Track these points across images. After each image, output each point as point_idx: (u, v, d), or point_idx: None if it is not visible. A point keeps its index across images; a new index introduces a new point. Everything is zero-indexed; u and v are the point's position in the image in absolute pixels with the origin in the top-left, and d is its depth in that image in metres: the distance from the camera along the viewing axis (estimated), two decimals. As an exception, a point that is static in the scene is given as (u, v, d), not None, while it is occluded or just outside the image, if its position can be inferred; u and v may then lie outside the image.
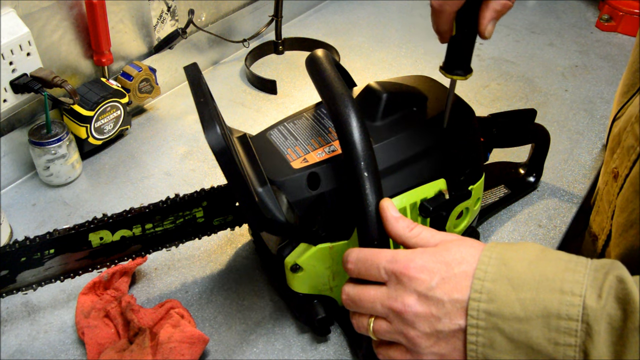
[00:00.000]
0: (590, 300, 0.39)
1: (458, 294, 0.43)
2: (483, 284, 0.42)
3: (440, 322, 0.44)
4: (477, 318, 0.42)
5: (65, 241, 0.63)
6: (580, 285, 0.40)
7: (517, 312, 0.41)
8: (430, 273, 0.45)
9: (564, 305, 0.40)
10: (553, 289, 0.40)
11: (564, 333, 0.39)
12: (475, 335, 0.42)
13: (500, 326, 0.41)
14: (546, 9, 1.42)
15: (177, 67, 1.11)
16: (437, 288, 0.44)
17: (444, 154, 0.65)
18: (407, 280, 0.45)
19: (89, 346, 0.66)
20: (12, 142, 0.88)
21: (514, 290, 0.41)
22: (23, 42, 0.83)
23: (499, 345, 0.42)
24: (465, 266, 0.44)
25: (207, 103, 0.55)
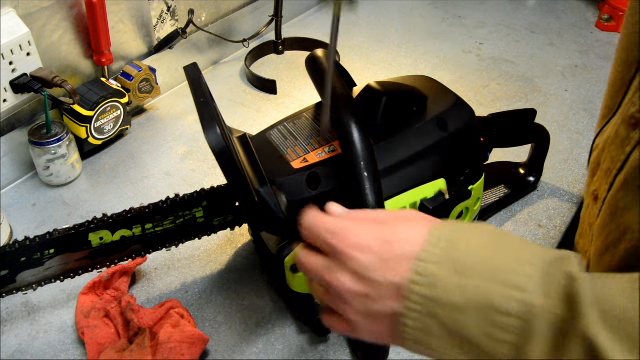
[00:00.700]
0: (536, 297, 0.36)
1: (397, 277, 0.41)
2: (426, 267, 0.40)
3: (375, 303, 0.42)
4: (414, 302, 0.40)
5: (65, 241, 0.63)
6: (528, 279, 0.37)
7: (456, 299, 0.38)
8: (369, 253, 0.42)
9: (505, 299, 0.37)
10: (498, 279, 0.38)
11: (500, 328, 0.37)
12: (412, 319, 0.40)
13: (437, 313, 0.39)
14: (546, 9, 1.42)
15: (177, 67, 1.11)
16: (375, 269, 0.42)
17: (444, 154, 0.65)
18: (344, 259, 0.43)
19: (89, 346, 0.66)
20: (12, 142, 0.88)
21: (457, 275, 0.38)
22: (23, 42, 0.83)
23: (434, 332, 0.39)
24: (409, 247, 0.41)
25: (207, 103, 0.55)
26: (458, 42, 1.29)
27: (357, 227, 0.44)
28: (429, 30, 1.34)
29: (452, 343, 0.39)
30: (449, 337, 0.39)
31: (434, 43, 1.29)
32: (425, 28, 1.35)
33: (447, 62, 1.22)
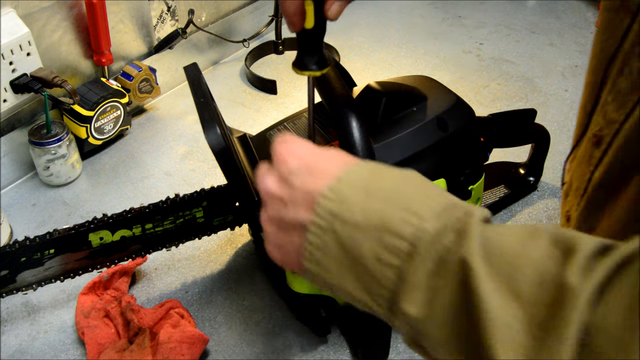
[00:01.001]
0: (429, 224, 0.36)
1: (312, 187, 0.41)
2: (340, 186, 0.40)
3: (285, 208, 0.42)
4: (320, 216, 0.39)
5: (65, 241, 0.63)
6: (428, 209, 0.37)
7: (358, 218, 0.38)
8: (298, 159, 0.43)
9: (402, 222, 0.37)
10: (401, 206, 0.38)
11: (390, 251, 0.37)
12: (314, 234, 0.40)
13: (337, 229, 0.39)
14: (546, 9, 1.42)
15: (177, 67, 1.11)
16: (297, 174, 0.42)
17: (444, 154, 0.65)
18: (277, 162, 0.44)
19: (89, 346, 0.66)
20: (12, 142, 0.88)
21: (365, 197, 0.39)
22: (23, 42, 0.83)
23: (330, 249, 0.39)
24: (336, 167, 0.42)
25: (207, 103, 0.55)
26: (458, 42, 1.29)
27: (306, 144, 0.45)
28: (429, 30, 1.34)
29: (345, 265, 0.39)
30: (344, 257, 0.39)
31: (434, 43, 1.29)
32: (425, 28, 1.35)
33: (447, 62, 1.22)
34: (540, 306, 0.31)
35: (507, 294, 0.32)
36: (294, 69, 0.52)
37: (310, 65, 0.51)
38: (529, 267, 0.32)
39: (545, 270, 0.32)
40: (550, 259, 0.32)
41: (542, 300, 0.31)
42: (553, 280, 0.31)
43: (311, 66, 0.51)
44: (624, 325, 0.28)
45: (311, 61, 0.51)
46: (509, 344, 0.31)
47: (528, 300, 0.32)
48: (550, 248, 0.33)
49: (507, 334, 0.31)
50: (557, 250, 0.32)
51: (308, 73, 0.52)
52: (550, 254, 0.32)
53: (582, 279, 0.30)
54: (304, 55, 0.51)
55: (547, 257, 0.32)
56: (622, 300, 0.29)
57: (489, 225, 0.37)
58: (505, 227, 0.36)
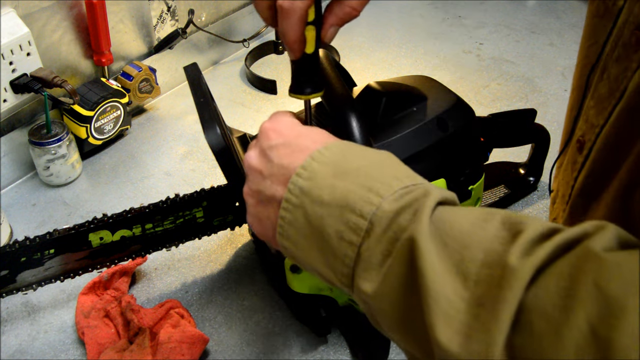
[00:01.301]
0: (387, 203, 0.37)
1: (288, 162, 0.42)
2: (311, 163, 0.41)
3: (263, 181, 0.44)
4: (292, 193, 0.41)
5: (65, 241, 0.63)
6: (388, 188, 0.38)
7: (324, 195, 0.39)
8: (279, 135, 0.45)
9: (363, 201, 0.38)
10: (366, 185, 0.39)
11: (351, 229, 0.38)
12: (285, 210, 0.41)
13: (306, 206, 0.40)
14: (546, 9, 1.42)
15: (177, 67, 1.11)
16: (275, 149, 0.44)
17: (444, 154, 0.65)
18: (260, 136, 0.46)
19: (89, 346, 0.66)
20: (12, 142, 0.88)
21: (334, 176, 0.40)
22: (23, 42, 0.83)
23: (300, 225, 0.40)
24: (312, 145, 0.43)
25: (207, 103, 0.55)
26: (458, 42, 1.29)
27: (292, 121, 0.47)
28: (429, 30, 1.34)
29: (312, 241, 0.40)
30: (311, 234, 0.40)
31: (434, 43, 1.29)
32: (425, 28, 1.35)
33: (447, 62, 1.22)
34: (483, 285, 0.32)
35: (454, 273, 0.33)
36: (291, 95, 0.53)
37: (306, 90, 0.52)
38: (478, 248, 0.33)
39: (492, 251, 0.32)
40: (498, 240, 0.33)
41: (485, 279, 0.32)
42: (497, 260, 0.32)
43: (307, 90, 0.52)
44: (558, 305, 0.29)
45: (308, 85, 0.52)
46: (449, 321, 0.32)
47: (473, 279, 0.32)
48: (500, 230, 0.33)
49: (448, 310, 0.32)
50: (506, 232, 0.33)
51: (305, 97, 0.53)
52: (499, 235, 0.33)
53: (522, 259, 0.30)
54: (301, 81, 0.52)
55: (496, 238, 0.33)
56: (559, 281, 0.29)
57: (446, 206, 0.37)
58: (462, 209, 0.37)
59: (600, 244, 0.29)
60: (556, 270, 0.30)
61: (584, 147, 0.50)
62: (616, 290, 0.27)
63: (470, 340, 0.31)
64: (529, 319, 0.29)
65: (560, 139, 0.61)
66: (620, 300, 0.27)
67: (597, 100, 0.47)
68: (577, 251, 0.30)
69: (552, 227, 0.32)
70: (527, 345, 0.29)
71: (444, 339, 0.31)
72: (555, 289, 0.29)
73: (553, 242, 0.31)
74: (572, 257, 0.30)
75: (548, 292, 0.29)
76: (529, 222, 0.33)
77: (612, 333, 0.26)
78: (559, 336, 0.28)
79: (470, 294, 0.32)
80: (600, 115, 0.47)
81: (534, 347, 0.29)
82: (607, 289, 0.27)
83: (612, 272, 0.28)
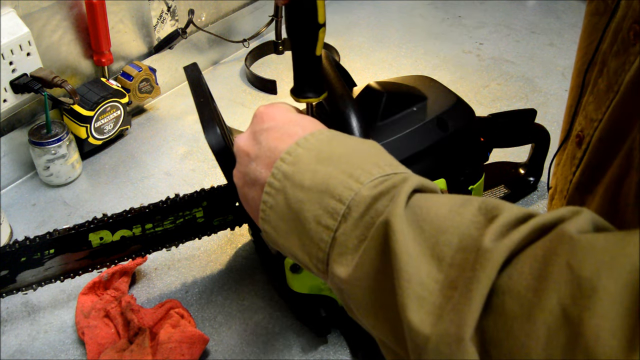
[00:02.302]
0: (366, 189, 0.37)
1: (275, 146, 0.43)
2: (296, 149, 0.41)
3: (250, 164, 0.44)
4: (275, 177, 0.41)
5: (65, 241, 0.63)
6: (368, 175, 0.38)
7: (305, 181, 0.39)
8: (270, 119, 0.46)
9: (343, 187, 0.38)
10: (347, 171, 0.39)
11: (328, 213, 0.38)
12: (268, 194, 0.41)
13: (288, 191, 0.40)
14: (546, 9, 1.42)
15: (177, 67, 1.11)
16: (265, 132, 0.44)
17: (444, 154, 0.65)
18: (254, 119, 0.47)
19: (89, 346, 0.66)
20: (12, 142, 0.88)
21: (316, 162, 0.40)
22: (23, 42, 0.83)
23: (280, 209, 0.41)
24: (300, 131, 0.43)
25: (207, 103, 0.55)
26: (458, 42, 1.29)
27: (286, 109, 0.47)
28: (429, 30, 1.34)
29: (291, 225, 0.40)
30: (290, 218, 0.40)
31: (434, 43, 1.29)
32: (425, 28, 1.35)
33: (447, 62, 1.22)
34: (457, 268, 0.32)
35: (428, 256, 0.33)
36: (293, 97, 0.53)
37: (308, 93, 0.53)
38: (453, 232, 0.33)
39: (467, 236, 0.32)
40: (474, 224, 0.33)
41: (459, 262, 0.32)
42: (472, 244, 0.32)
43: (309, 94, 0.53)
44: (531, 286, 0.28)
45: (310, 89, 0.52)
46: (421, 302, 0.32)
47: (448, 262, 0.32)
48: (476, 215, 0.33)
49: (420, 292, 0.32)
50: (482, 217, 0.33)
51: (307, 100, 0.53)
52: (475, 220, 0.33)
53: (496, 242, 0.30)
54: (303, 84, 0.52)
55: (472, 223, 0.33)
56: (532, 263, 0.29)
57: (424, 193, 0.37)
58: (440, 196, 0.37)
59: (575, 227, 0.29)
60: (530, 253, 0.30)
61: (583, 142, 0.50)
62: (588, 271, 0.27)
63: (441, 320, 0.30)
64: (501, 301, 0.29)
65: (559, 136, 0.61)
66: (592, 281, 0.26)
67: (596, 96, 0.48)
68: (551, 234, 0.30)
69: (528, 212, 0.32)
70: (499, 327, 0.29)
71: (416, 320, 0.31)
72: (528, 270, 0.29)
73: (528, 225, 0.31)
74: (546, 240, 0.30)
75: (521, 274, 0.29)
76: (506, 207, 0.33)
77: (583, 313, 0.26)
78: (530, 318, 0.28)
79: (444, 277, 0.32)
80: (599, 110, 0.47)
81: (506, 329, 0.29)
82: (579, 269, 0.27)
83: (585, 253, 0.28)
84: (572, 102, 0.56)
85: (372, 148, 0.43)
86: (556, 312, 0.27)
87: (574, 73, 0.56)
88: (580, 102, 0.52)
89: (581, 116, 0.51)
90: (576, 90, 0.54)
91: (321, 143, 0.42)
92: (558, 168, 0.59)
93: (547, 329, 0.27)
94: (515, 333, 0.28)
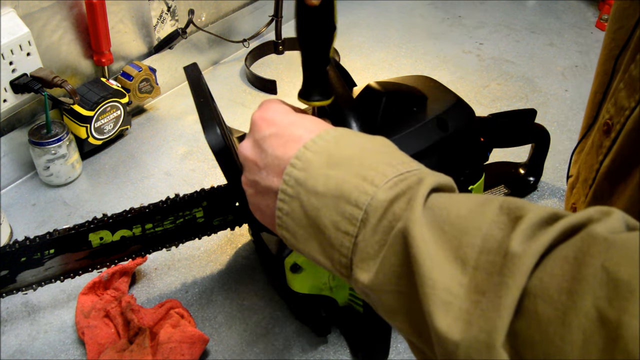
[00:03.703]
0: (382, 192, 0.37)
1: (282, 152, 0.42)
2: (305, 153, 0.41)
3: (259, 173, 0.44)
4: (287, 184, 0.40)
5: (65, 241, 0.63)
6: (383, 177, 0.37)
7: (318, 186, 0.39)
8: (270, 125, 0.44)
9: (358, 191, 0.37)
10: (360, 175, 0.38)
11: (347, 219, 0.37)
12: (282, 201, 0.41)
13: (302, 197, 0.39)
14: (546, 9, 1.42)
15: (177, 67, 1.11)
16: (268, 139, 0.44)
17: (444, 154, 0.65)
18: (253, 127, 0.46)
19: (89, 346, 0.66)
20: (12, 142, 0.88)
21: (327, 166, 0.39)
22: (23, 42, 0.83)
23: (297, 216, 0.40)
24: (305, 134, 0.42)
25: (207, 103, 0.55)
26: (458, 42, 1.29)
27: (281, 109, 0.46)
28: (429, 30, 1.34)
29: (309, 232, 0.40)
30: (308, 225, 0.40)
31: (434, 43, 1.29)
32: (425, 28, 1.35)
33: (447, 62, 1.22)
34: (483, 271, 0.31)
35: (452, 259, 0.32)
36: (301, 100, 0.53)
37: (315, 97, 0.52)
38: (476, 233, 0.32)
39: (490, 237, 0.32)
40: (497, 225, 0.32)
41: (485, 265, 0.31)
42: (497, 246, 0.31)
43: (316, 97, 0.52)
44: (564, 289, 0.28)
45: (318, 92, 0.52)
46: (447, 307, 0.31)
47: (472, 265, 0.31)
48: (499, 215, 0.33)
49: (446, 298, 0.31)
50: (505, 217, 0.32)
51: (314, 104, 0.53)
52: (497, 220, 0.32)
53: (525, 245, 0.30)
54: (312, 87, 0.52)
55: (494, 223, 0.32)
56: (564, 265, 0.28)
57: (442, 193, 0.37)
58: (459, 195, 0.37)
59: (607, 228, 0.29)
60: (561, 254, 0.29)
61: (611, 130, 0.49)
62: (625, 272, 0.26)
63: (470, 327, 0.30)
64: (533, 305, 0.29)
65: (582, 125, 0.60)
66: (629, 283, 0.26)
67: (628, 83, 0.46)
68: (582, 235, 0.29)
69: (554, 212, 0.31)
70: (532, 331, 0.28)
71: (444, 326, 0.31)
72: (560, 273, 0.28)
73: (557, 227, 0.30)
74: (577, 241, 0.29)
75: (553, 277, 0.28)
76: (529, 207, 0.32)
77: (621, 316, 0.25)
78: (565, 321, 0.27)
79: (469, 280, 0.31)
80: (631, 97, 0.46)
81: (539, 333, 0.28)
82: (615, 271, 0.26)
83: (620, 254, 0.27)
84: (599, 88, 0.54)
85: (383, 146, 0.42)
86: (592, 314, 0.26)
87: (601, 59, 0.55)
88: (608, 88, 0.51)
89: (609, 103, 0.50)
90: (603, 76, 0.53)
91: (329, 144, 0.41)
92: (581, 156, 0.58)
93: (583, 332, 0.26)
94: (550, 337, 0.28)
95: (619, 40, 0.49)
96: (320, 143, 0.41)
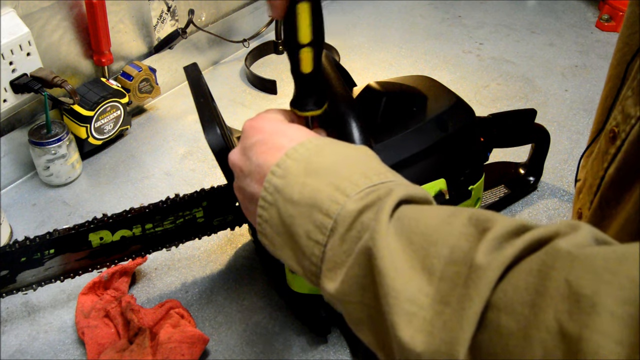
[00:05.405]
0: (352, 202, 0.37)
1: (264, 160, 0.43)
2: (286, 161, 0.41)
3: (245, 179, 0.45)
4: (267, 191, 0.41)
5: (65, 241, 0.63)
6: (355, 187, 0.38)
7: (294, 194, 0.39)
8: (257, 132, 0.45)
9: (330, 201, 0.37)
10: (333, 183, 0.38)
11: (318, 228, 0.38)
12: (262, 208, 0.41)
13: (279, 204, 0.40)
14: (546, 9, 1.42)
15: (177, 67, 1.11)
16: (253, 147, 0.44)
17: (444, 154, 0.65)
18: (243, 134, 0.47)
19: (89, 346, 0.66)
20: (12, 142, 0.88)
21: (305, 174, 0.40)
22: (23, 42, 0.83)
23: (274, 223, 0.40)
24: (288, 142, 0.43)
25: (207, 103, 0.55)
26: (458, 42, 1.29)
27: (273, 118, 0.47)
28: (429, 30, 1.34)
29: (285, 239, 0.40)
30: (284, 232, 0.40)
31: (434, 43, 1.29)
32: (425, 28, 1.35)
33: (447, 62, 1.22)
34: (448, 282, 0.31)
35: (418, 269, 0.32)
36: (294, 110, 0.52)
37: (306, 107, 0.52)
38: (443, 244, 0.32)
39: (457, 248, 0.32)
40: (465, 236, 0.32)
41: (451, 276, 0.31)
42: (463, 257, 0.31)
43: (307, 107, 0.52)
44: (527, 302, 0.28)
45: (308, 102, 0.52)
46: (411, 319, 0.31)
47: (439, 276, 0.31)
48: (467, 226, 0.33)
49: (409, 308, 0.31)
50: (473, 228, 0.32)
51: (307, 114, 0.53)
52: (465, 232, 0.32)
53: (490, 257, 0.30)
54: (302, 97, 0.52)
55: (462, 235, 0.32)
56: (528, 278, 0.28)
57: (412, 205, 0.37)
58: (428, 207, 0.37)
59: (572, 243, 0.28)
60: (526, 267, 0.29)
61: (616, 138, 0.49)
62: (587, 287, 0.26)
63: (433, 338, 0.30)
64: (497, 317, 0.28)
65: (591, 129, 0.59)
66: (591, 297, 0.26)
67: (636, 91, 0.46)
68: (547, 248, 0.29)
69: (522, 224, 0.31)
70: (494, 345, 0.28)
71: (406, 337, 0.31)
72: (524, 286, 0.28)
73: (522, 239, 0.30)
74: (542, 254, 0.29)
75: (517, 290, 0.28)
76: (497, 219, 0.32)
77: (582, 330, 0.25)
78: (526, 335, 0.27)
79: (435, 291, 0.31)
80: (637, 106, 0.45)
81: (501, 347, 0.28)
82: (577, 285, 0.26)
83: (584, 268, 0.27)
84: (610, 92, 0.54)
85: (363, 155, 0.42)
86: (553, 328, 0.26)
87: (613, 63, 0.54)
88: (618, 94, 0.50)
89: (617, 110, 0.50)
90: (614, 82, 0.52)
91: (310, 153, 0.41)
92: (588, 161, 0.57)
93: (544, 346, 0.26)
94: (511, 350, 0.28)
95: (632, 45, 0.49)
96: (301, 151, 0.42)
